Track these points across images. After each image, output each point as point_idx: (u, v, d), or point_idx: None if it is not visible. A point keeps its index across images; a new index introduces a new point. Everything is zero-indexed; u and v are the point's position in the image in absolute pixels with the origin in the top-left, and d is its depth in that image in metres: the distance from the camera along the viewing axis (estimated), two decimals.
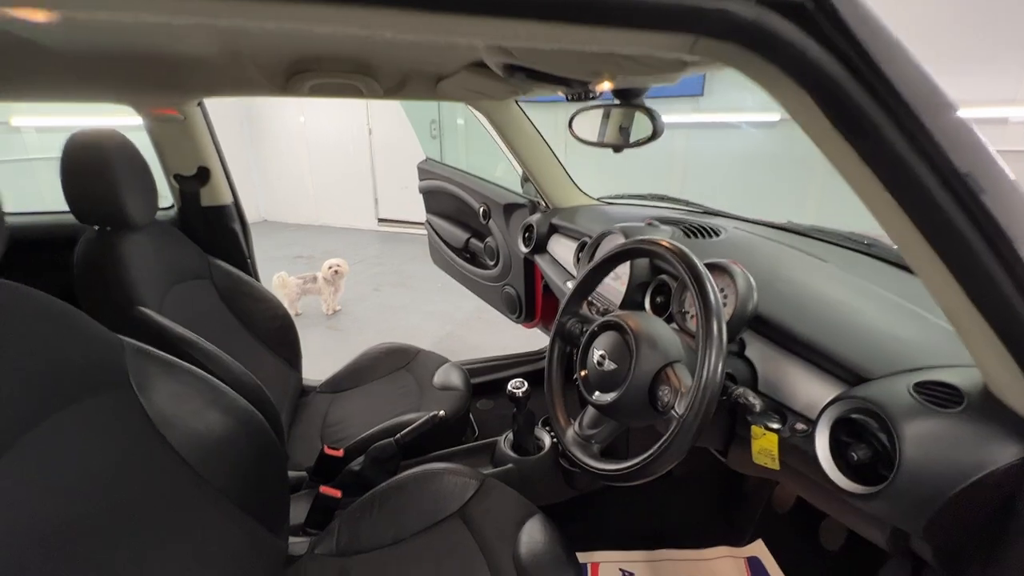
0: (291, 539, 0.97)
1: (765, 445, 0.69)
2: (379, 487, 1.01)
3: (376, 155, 5.97)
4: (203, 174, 1.47)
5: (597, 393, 0.77)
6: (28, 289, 0.63)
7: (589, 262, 1.00)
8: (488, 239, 1.98)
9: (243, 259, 1.54)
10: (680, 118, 4.29)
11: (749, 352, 0.79)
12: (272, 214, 6.86)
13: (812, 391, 0.69)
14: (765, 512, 1.39)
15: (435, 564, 0.88)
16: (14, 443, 0.54)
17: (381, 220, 6.19)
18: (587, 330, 0.84)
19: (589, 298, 1.10)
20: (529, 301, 1.90)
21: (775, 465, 0.68)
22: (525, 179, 1.78)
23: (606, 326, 0.80)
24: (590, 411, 0.84)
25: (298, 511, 1.09)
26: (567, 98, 1.14)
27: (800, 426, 0.66)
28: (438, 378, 1.51)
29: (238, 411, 0.85)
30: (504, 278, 1.96)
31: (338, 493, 1.03)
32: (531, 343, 2.16)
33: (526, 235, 1.66)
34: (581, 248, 1.35)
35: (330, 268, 3.40)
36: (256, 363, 1.37)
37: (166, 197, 1.46)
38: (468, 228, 2.13)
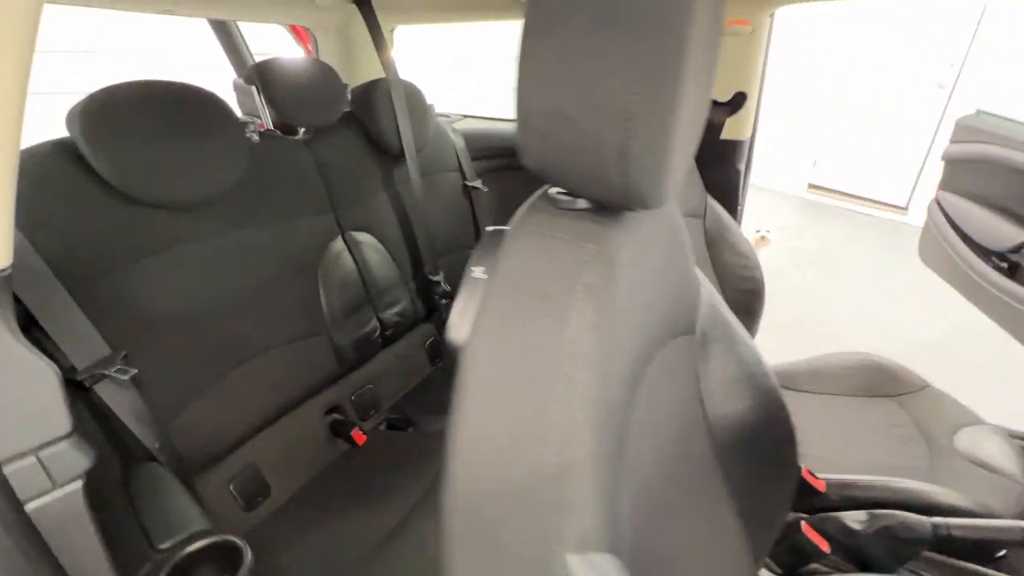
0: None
1: None
2: None
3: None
4: (738, 101, 1.28)
5: None
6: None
7: None
8: None
9: (735, 205, 1.35)
10: None
11: None
12: None
13: None
14: None
15: None
16: (652, 358, 0.50)
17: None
18: None
19: None
20: None
21: None
22: None
23: None
24: None
25: None
26: None
27: None
28: (967, 444, 1.00)
29: (768, 398, 0.67)
30: None
31: (827, 547, 0.76)
32: None
33: None
34: None
35: (757, 232, 3.02)
36: None
37: None
38: None
